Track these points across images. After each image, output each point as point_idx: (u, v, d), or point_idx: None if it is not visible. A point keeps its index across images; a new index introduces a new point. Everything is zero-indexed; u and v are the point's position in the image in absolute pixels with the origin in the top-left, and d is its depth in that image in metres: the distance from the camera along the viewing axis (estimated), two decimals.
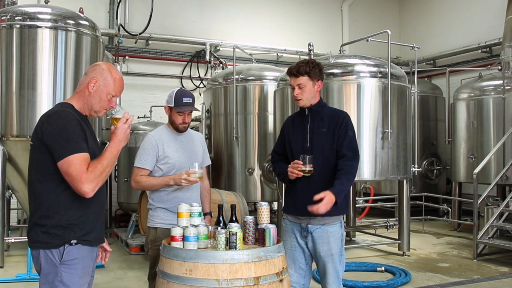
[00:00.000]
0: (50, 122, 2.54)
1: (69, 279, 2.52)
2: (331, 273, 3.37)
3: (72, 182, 2.45)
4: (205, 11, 11.11)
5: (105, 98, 2.66)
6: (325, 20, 12.44)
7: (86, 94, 2.65)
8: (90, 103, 2.66)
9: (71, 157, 2.44)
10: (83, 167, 2.45)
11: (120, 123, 2.62)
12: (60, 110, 2.60)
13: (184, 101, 3.59)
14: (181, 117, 3.61)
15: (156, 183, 3.52)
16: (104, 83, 2.64)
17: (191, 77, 10.78)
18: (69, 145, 2.46)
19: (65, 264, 2.51)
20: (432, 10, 12.32)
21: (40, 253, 2.53)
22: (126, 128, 2.63)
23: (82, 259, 2.56)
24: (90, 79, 2.64)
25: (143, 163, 3.56)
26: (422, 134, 9.84)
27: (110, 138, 2.63)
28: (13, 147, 6.18)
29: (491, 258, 6.82)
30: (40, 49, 6.08)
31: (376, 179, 7.02)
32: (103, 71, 2.66)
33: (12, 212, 7.99)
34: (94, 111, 2.69)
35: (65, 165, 2.44)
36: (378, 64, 6.71)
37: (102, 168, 2.50)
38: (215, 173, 8.35)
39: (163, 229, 3.51)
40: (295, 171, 3.29)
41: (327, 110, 3.51)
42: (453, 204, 9.31)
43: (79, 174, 2.43)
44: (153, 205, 3.62)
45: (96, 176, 2.47)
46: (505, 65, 8.44)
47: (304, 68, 3.38)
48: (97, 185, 2.48)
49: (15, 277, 5.66)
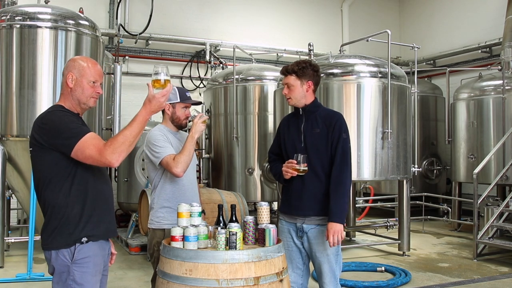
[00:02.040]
0: (44, 122, 2.56)
1: (82, 278, 2.54)
2: (327, 273, 3.37)
3: (95, 161, 2.45)
4: (205, 11, 11.11)
5: (86, 86, 2.65)
6: (325, 20, 12.44)
7: (68, 91, 2.67)
8: (75, 97, 2.66)
9: (80, 142, 2.44)
10: (99, 142, 2.45)
11: (159, 94, 2.48)
12: (51, 110, 2.63)
13: (187, 95, 3.69)
14: (185, 111, 3.64)
15: (189, 145, 3.44)
16: (80, 73, 2.65)
17: (191, 77, 10.78)
18: (73, 133, 2.47)
19: (77, 263, 2.54)
20: (432, 10, 12.32)
21: (52, 254, 2.56)
22: (162, 101, 2.51)
23: (93, 257, 2.59)
24: (67, 75, 2.66)
25: (168, 151, 3.43)
26: (422, 134, 9.85)
27: (143, 104, 2.51)
28: (13, 147, 6.18)
29: (491, 258, 6.82)
30: (40, 49, 6.08)
31: (376, 179, 7.02)
32: (75, 63, 2.68)
33: (12, 212, 7.99)
34: (82, 103, 2.68)
35: (80, 151, 2.45)
36: (378, 64, 6.72)
37: (124, 138, 2.43)
38: (215, 173, 8.35)
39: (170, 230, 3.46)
40: (289, 170, 3.31)
41: (322, 110, 3.50)
42: (453, 204, 9.31)
43: (97, 150, 2.42)
44: (158, 204, 3.54)
45: (117, 146, 2.42)
46: (505, 65, 8.44)
47: (292, 67, 3.42)
48: (121, 154, 2.43)
49: (15, 277, 5.65)
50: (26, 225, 7.57)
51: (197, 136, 3.53)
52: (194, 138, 3.48)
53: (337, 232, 3.24)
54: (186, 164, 3.42)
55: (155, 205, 3.57)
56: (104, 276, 2.77)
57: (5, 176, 6.30)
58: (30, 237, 5.93)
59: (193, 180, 3.68)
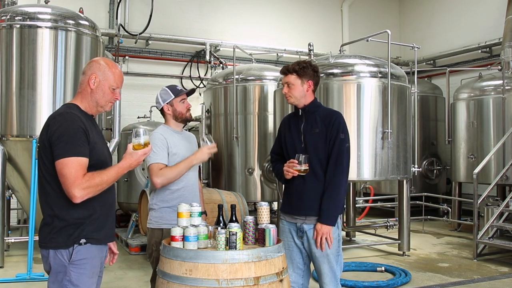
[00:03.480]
0: (55, 123, 2.56)
1: (78, 279, 2.54)
2: (327, 273, 3.36)
3: (64, 183, 2.47)
4: (205, 11, 11.11)
5: (108, 91, 2.68)
6: (325, 20, 12.44)
7: (88, 91, 2.67)
8: (95, 99, 2.68)
9: (67, 159, 2.46)
10: (79, 171, 2.47)
11: (141, 152, 2.61)
12: (65, 112, 2.62)
13: (179, 88, 3.67)
14: (185, 104, 3.64)
15: (183, 166, 3.46)
16: (104, 77, 2.66)
17: (191, 77, 10.78)
18: (68, 147, 2.48)
19: (74, 264, 2.54)
20: (432, 10, 12.32)
21: (49, 253, 2.55)
22: (142, 159, 2.64)
23: (91, 259, 2.59)
24: (90, 76, 2.65)
25: (159, 158, 3.45)
26: (422, 134, 9.85)
27: (123, 157, 2.62)
28: (13, 147, 6.18)
29: (491, 258, 6.82)
30: (40, 49, 6.08)
31: (376, 179, 7.02)
32: (100, 65, 2.68)
33: (12, 212, 7.99)
34: (100, 106, 2.71)
35: (60, 165, 2.47)
36: (378, 64, 6.71)
37: (100, 182, 2.51)
38: (215, 173, 8.35)
39: (170, 229, 3.47)
40: (290, 170, 3.31)
41: (322, 110, 3.50)
42: (453, 204, 9.31)
43: (73, 177, 2.45)
44: (157, 205, 3.55)
45: (91, 186, 2.48)
46: (505, 65, 8.44)
47: (293, 66, 3.42)
48: (88, 194, 2.49)
49: (15, 277, 5.66)
50: (26, 225, 7.57)
51: (196, 164, 3.55)
52: (192, 163, 3.51)
53: (324, 234, 3.25)
54: (169, 180, 3.45)
55: (154, 205, 3.58)
56: (99, 278, 2.76)
57: (5, 176, 6.30)
58: (30, 237, 5.93)
59: (193, 181, 3.66)
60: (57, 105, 6.09)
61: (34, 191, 5.99)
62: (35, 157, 5.94)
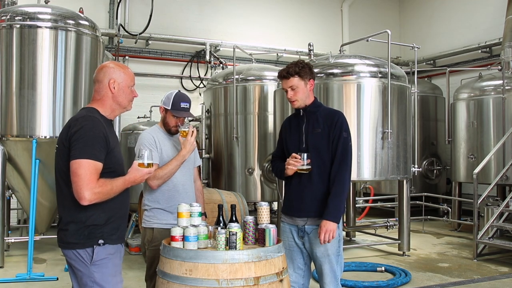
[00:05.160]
0: (76, 124, 2.61)
1: (102, 278, 2.59)
2: (328, 274, 3.36)
3: (77, 183, 2.49)
4: (205, 11, 11.11)
5: (128, 91, 2.80)
6: (325, 20, 12.44)
7: (109, 96, 2.75)
8: (118, 101, 2.78)
9: (85, 160, 2.51)
10: (94, 175, 2.51)
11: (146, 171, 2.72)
12: (87, 115, 2.67)
13: (181, 105, 3.59)
14: (176, 120, 3.60)
15: (175, 165, 3.47)
16: (121, 79, 2.76)
17: (191, 77, 10.78)
18: (87, 149, 2.53)
19: (96, 264, 2.59)
20: (432, 10, 12.32)
21: (70, 253, 2.61)
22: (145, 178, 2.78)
23: (111, 257, 2.64)
24: (109, 81, 2.73)
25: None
26: (422, 134, 9.85)
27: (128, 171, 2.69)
28: (13, 147, 6.18)
29: (491, 258, 6.82)
30: (40, 49, 6.07)
31: (376, 179, 7.02)
32: (114, 69, 2.77)
33: (12, 212, 7.99)
34: (123, 107, 2.82)
35: (76, 165, 2.50)
36: (378, 64, 6.71)
37: (111, 190, 2.57)
38: (215, 173, 8.35)
39: (160, 229, 3.50)
40: (292, 163, 3.30)
41: (323, 110, 3.49)
42: (453, 204, 9.31)
43: (88, 179, 2.49)
44: (149, 205, 3.59)
45: (102, 192, 2.52)
46: (505, 65, 8.43)
47: (293, 69, 3.37)
48: (96, 199, 2.52)
49: (15, 277, 5.65)
50: (26, 225, 7.57)
51: (188, 156, 3.53)
52: (185, 157, 3.51)
53: (329, 231, 3.23)
54: (164, 180, 3.47)
55: (146, 206, 3.63)
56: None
57: (5, 176, 6.30)
58: (30, 237, 5.93)
59: (187, 182, 3.66)
60: (57, 105, 6.10)
61: (34, 191, 5.99)
62: (35, 157, 5.95)
